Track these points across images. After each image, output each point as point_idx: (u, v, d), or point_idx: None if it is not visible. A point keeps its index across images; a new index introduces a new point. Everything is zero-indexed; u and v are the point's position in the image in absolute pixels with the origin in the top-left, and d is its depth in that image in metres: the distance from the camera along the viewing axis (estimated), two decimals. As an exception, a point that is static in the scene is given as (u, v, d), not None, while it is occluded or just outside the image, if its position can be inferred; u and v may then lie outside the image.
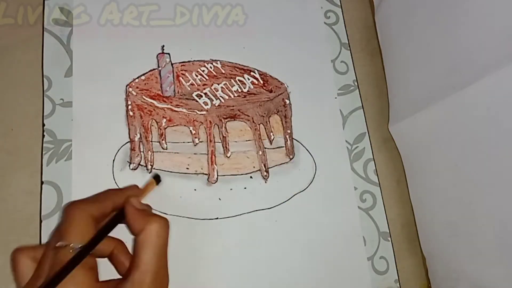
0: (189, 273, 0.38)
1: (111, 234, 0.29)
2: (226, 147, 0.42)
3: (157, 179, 0.36)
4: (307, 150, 0.45)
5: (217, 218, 0.40)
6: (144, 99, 0.41)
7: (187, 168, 0.41)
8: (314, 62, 0.48)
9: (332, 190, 0.44)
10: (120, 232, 0.29)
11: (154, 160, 0.40)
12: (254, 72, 0.46)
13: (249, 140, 0.43)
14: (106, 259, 0.31)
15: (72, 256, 0.24)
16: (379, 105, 0.49)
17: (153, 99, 0.41)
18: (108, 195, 0.30)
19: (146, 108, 0.41)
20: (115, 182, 0.39)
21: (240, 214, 0.41)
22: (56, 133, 0.39)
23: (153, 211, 0.39)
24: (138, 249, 0.26)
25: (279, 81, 0.46)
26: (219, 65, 0.45)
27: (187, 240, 0.39)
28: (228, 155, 0.42)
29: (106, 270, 0.30)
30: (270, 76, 0.46)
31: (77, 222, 0.26)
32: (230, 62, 0.45)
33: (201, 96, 0.43)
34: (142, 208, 0.29)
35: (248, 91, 0.44)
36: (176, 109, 0.41)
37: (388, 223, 0.45)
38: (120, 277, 0.29)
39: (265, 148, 0.43)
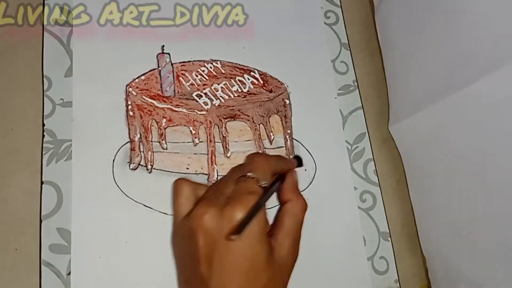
0: (189, 273, 0.38)
1: None
2: (226, 147, 0.42)
3: (299, 161, 0.37)
4: (307, 150, 0.45)
5: (217, 218, 0.40)
6: (144, 99, 0.41)
7: (187, 168, 0.41)
8: (314, 62, 0.48)
9: (332, 190, 0.44)
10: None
11: (154, 160, 0.40)
12: (254, 72, 0.46)
13: (249, 140, 0.43)
14: None
15: (258, 189, 0.26)
16: (379, 105, 0.49)
17: (153, 99, 0.41)
18: (281, 160, 0.33)
19: (146, 108, 0.41)
20: (115, 182, 0.39)
21: (240, 214, 0.41)
22: (56, 133, 0.39)
23: (151, 210, 0.39)
24: (284, 215, 0.29)
25: (279, 81, 0.46)
26: (219, 65, 0.45)
27: (187, 240, 0.39)
28: (228, 155, 0.42)
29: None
30: (270, 76, 0.46)
31: (264, 165, 0.29)
32: (230, 62, 0.45)
33: (201, 96, 0.43)
34: (297, 184, 0.32)
35: (248, 91, 0.44)
36: (176, 109, 0.41)
37: (388, 223, 0.45)
38: None
39: (265, 148, 0.43)
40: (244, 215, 0.24)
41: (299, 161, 0.36)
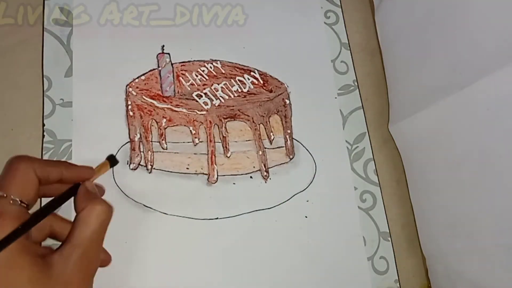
0: (189, 273, 0.38)
1: None
2: (226, 147, 0.42)
3: (112, 160, 0.35)
4: (307, 150, 0.45)
5: (217, 218, 0.40)
6: (144, 99, 0.41)
7: (187, 168, 0.41)
8: (314, 62, 0.48)
9: (332, 190, 0.44)
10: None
11: (154, 160, 0.40)
12: (254, 72, 0.46)
13: (249, 140, 0.43)
14: None
15: (13, 208, 0.23)
16: (379, 105, 0.49)
17: (153, 99, 0.41)
18: (59, 164, 0.30)
19: (146, 108, 0.41)
20: (115, 182, 0.39)
21: (240, 214, 0.41)
22: (56, 133, 0.39)
23: (151, 210, 0.39)
24: (75, 225, 0.26)
25: (279, 81, 0.46)
26: (219, 65, 0.45)
27: (187, 240, 0.39)
28: (228, 155, 0.42)
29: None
30: (270, 76, 0.46)
31: (20, 174, 0.25)
32: (230, 62, 0.45)
33: (201, 96, 0.43)
34: (93, 191, 0.29)
35: (248, 91, 0.44)
36: (176, 109, 0.41)
37: (388, 223, 0.45)
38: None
39: (265, 148, 0.43)
40: None
41: (112, 161, 0.34)
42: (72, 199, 0.30)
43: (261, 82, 0.45)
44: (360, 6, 0.52)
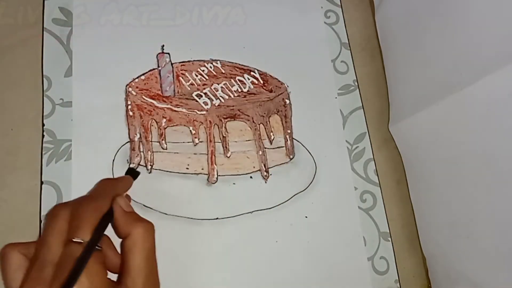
0: (189, 273, 0.38)
1: None
2: (226, 147, 0.42)
3: (132, 174, 0.35)
4: (307, 150, 0.45)
5: (217, 218, 0.40)
6: (144, 99, 0.41)
7: (187, 168, 0.41)
8: (314, 62, 0.48)
9: (332, 190, 0.44)
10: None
11: (154, 160, 0.40)
12: (254, 72, 0.46)
13: (249, 140, 0.43)
14: None
15: (81, 250, 0.24)
16: (379, 105, 0.49)
17: (153, 99, 0.41)
18: (106, 190, 0.29)
19: (146, 108, 0.41)
20: (115, 182, 0.39)
21: (240, 214, 0.41)
22: (56, 133, 0.39)
23: (151, 210, 0.39)
24: (127, 255, 0.26)
25: (279, 81, 0.46)
26: (219, 65, 0.45)
27: (187, 240, 0.39)
28: (228, 155, 0.42)
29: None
30: (270, 76, 0.46)
31: (89, 220, 0.25)
32: (230, 62, 0.45)
33: (201, 96, 0.43)
34: (128, 209, 0.28)
35: (248, 91, 0.44)
36: (176, 109, 0.41)
37: (388, 223, 0.45)
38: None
39: (265, 148, 0.43)
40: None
41: (133, 174, 0.34)
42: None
43: (261, 82, 0.45)
44: (360, 6, 0.52)
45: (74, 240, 0.23)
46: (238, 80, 0.45)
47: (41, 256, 0.24)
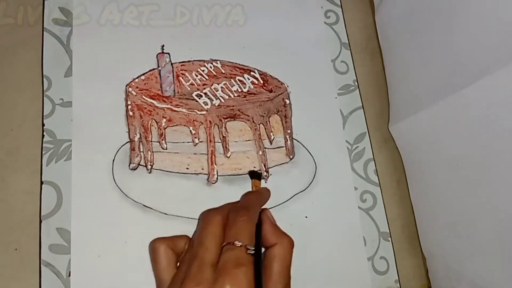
0: (189, 273, 0.38)
1: None
2: (226, 147, 0.42)
3: (256, 176, 0.36)
4: (307, 150, 0.45)
5: (217, 218, 0.40)
6: (144, 99, 0.41)
7: (187, 168, 0.41)
8: (314, 62, 0.48)
9: (332, 190, 0.44)
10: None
11: (154, 160, 0.40)
12: (254, 72, 0.46)
13: (249, 140, 0.43)
14: None
15: (248, 257, 0.25)
16: (379, 105, 0.49)
17: (153, 99, 0.41)
18: (255, 202, 0.32)
19: (146, 108, 0.41)
20: (115, 182, 0.39)
21: (240, 214, 0.41)
22: (56, 133, 0.39)
23: (151, 210, 0.39)
24: (271, 262, 0.28)
25: (279, 81, 0.46)
26: (219, 65, 0.45)
27: (187, 240, 0.39)
28: (228, 155, 0.42)
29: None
30: (270, 76, 0.46)
31: (249, 227, 0.27)
32: (230, 62, 0.45)
33: (201, 96, 0.43)
34: (274, 223, 0.31)
35: (248, 91, 0.44)
36: (176, 109, 0.41)
37: (388, 223, 0.45)
38: None
39: (265, 148, 0.43)
40: None
41: (258, 177, 0.35)
42: None
43: (261, 82, 0.45)
44: (360, 6, 0.52)
45: (235, 243, 0.25)
46: (238, 80, 0.45)
47: (199, 256, 0.25)
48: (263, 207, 0.33)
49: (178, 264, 0.28)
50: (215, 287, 0.23)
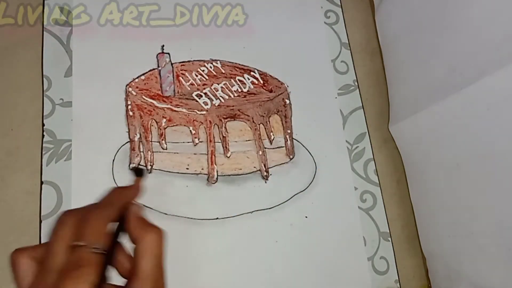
0: (189, 273, 0.38)
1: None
2: (226, 147, 0.42)
3: (138, 173, 0.36)
4: (307, 150, 0.45)
5: (217, 218, 0.40)
6: (144, 99, 0.41)
7: (187, 168, 0.41)
8: (314, 62, 0.48)
9: (332, 190, 0.44)
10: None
11: (154, 160, 0.40)
12: (254, 72, 0.46)
13: (249, 140, 0.43)
14: None
15: (94, 257, 0.24)
16: (379, 105, 0.49)
17: (153, 99, 0.41)
18: (114, 198, 0.30)
19: (146, 108, 0.41)
20: (115, 182, 0.39)
21: (240, 214, 0.41)
22: (56, 133, 0.39)
23: (151, 210, 0.39)
24: (137, 258, 0.26)
25: (279, 81, 0.46)
26: (219, 65, 0.45)
27: (187, 240, 0.39)
28: (228, 155, 0.42)
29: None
30: (270, 76, 0.46)
31: (95, 224, 0.26)
32: (230, 62, 0.45)
33: (201, 96, 0.43)
34: (141, 216, 0.29)
35: (248, 91, 0.44)
36: (176, 109, 0.41)
37: (388, 223, 0.45)
38: (119, 280, 0.29)
39: (265, 148, 0.43)
40: None
41: (139, 174, 0.34)
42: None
43: (261, 82, 0.45)
44: (360, 6, 0.52)
45: (75, 243, 0.24)
46: (238, 80, 0.45)
47: (45, 262, 0.24)
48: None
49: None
50: None
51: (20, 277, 0.25)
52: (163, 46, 0.44)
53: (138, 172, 0.34)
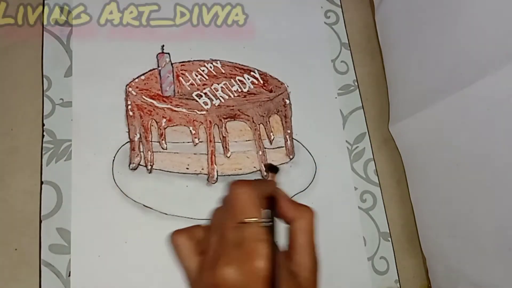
0: (189, 273, 0.38)
1: None
2: (226, 147, 0.42)
3: (273, 170, 0.37)
4: (307, 150, 0.45)
5: (217, 218, 0.40)
6: (144, 99, 0.41)
7: (187, 168, 0.41)
8: (314, 62, 0.48)
9: (332, 190, 0.44)
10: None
11: (154, 160, 0.40)
12: (254, 72, 0.45)
13: (249, 140, 0.43)
14: None
15: (263, 230, 0.26)
16: (379, 105, 0.49)
17: (153, 99, 0.41)
18: (263, 183, 0.32)
19: (146, 108, 0.41)
20: (115, 182, 0.39)
21: (240, 214, 0.41)
22: (56, 133, 0.39)
23: (151, 210, 0.39)
24: (295, 235, 0.28)
25: (279, 81, 0.46)
26: (219, 65, 0.45)
27: (187, 240, 0.39)
28: (228, 155, 0.42)
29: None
30: (270, 76, 0.46)
31: (252, 202, 0.27)
32: (230, 62, 0.45)
33: (201, 96, 0.43)
34: (290, 198, 0.31)
35: (248, 91, 0.44)
36: (176, 109, 0.41)
37: (388, 223, 0.45)
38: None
39: (265, 148, 0.43)
40: (264, 264, 0.24)
41: (274, 171, 0.35)
42: None
43: (261, 82, 0.45)
44: (360, 6, 0.52)
45: (246, 221, 0.26)
46: (238, 80, 0.45)
47: (223, 237, 0.26)
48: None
49: (200, 251, 0.29)
50: (245, 264, 0.24)
51: (183, 251, 0.27)
52: (163, 46, 0.44)
53: (273, 169, 0.35)
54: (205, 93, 0.43)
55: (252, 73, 0.45)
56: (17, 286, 0.36)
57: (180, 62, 0.44)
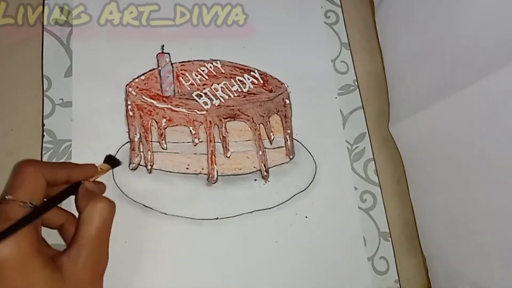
0: (189, 273, 0.38)
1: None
2: (226, 147, 0.42)
3: (111, 163, 0.36)
4: (307, 150, 0.45)
5: (217, 218, 0.40)
6: (144, 99, 0.41)
7: (187, 168, 0.41)
8: (314, 62, 0.48)
9: (332, 190, 0.44)
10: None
11: (154, 160, 0.40)
12: (254, 72, 0.46)
13: (249, 140, 0.43)
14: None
15: (22, 211, 0.24)
16: (379, 105, 0.49)
17: (153, 99, 0.41)
18: (65, 165, 0.30)
19: (146, 108, 0.41)
20: (115, 182, 0.39)
21: (240, 214, 0.41)
22: (56, 133, 0.39)
23: (151, 210, 0.39)
24: (79, 225, 0.26)
25: (279, 81, 0.46)
26: (219, 65, 0.45)
27: (187, 240, 0.39)
28: (228, 155, 0.42)
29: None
30: (270, 76, 0.46)
31: (28, 178, 0.26)
32: (230, 62, 0.45)
33: (201, 96, 0.43)
34: (93, 189, 0.30)
35: (248, 91, 0.44)
36: (176, 109, 0.41)
37: (388, 223, 0.45)
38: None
39: (265, 148, 0.43)
40: None
41: (111, 162, 0.34)
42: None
43: (261, 82, 0.45)
44: (360, 6, 0.52)
45: (7, 197, 0.24)
46: (238, 80, 0.45)
47: None
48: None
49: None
50: None
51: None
52: (163, 46, 0.44)
53: (110, 161, 0.34)
54: (205, 93, 0.43)
55: (252, 73, 0.45)
56: (17, 286, 0.36)
57: (180, 62, 0.44)
